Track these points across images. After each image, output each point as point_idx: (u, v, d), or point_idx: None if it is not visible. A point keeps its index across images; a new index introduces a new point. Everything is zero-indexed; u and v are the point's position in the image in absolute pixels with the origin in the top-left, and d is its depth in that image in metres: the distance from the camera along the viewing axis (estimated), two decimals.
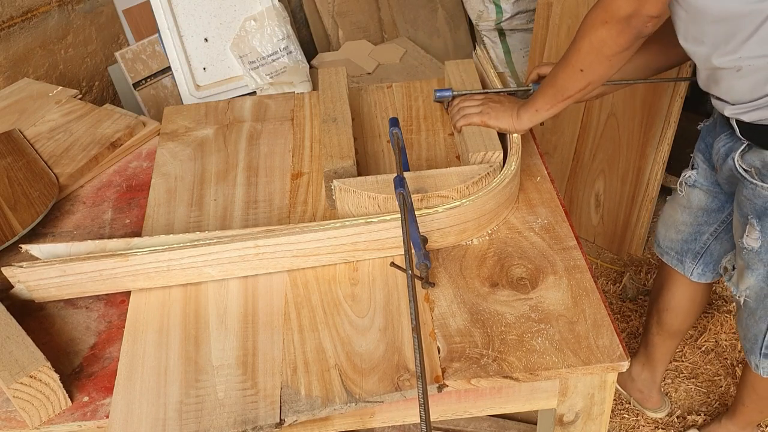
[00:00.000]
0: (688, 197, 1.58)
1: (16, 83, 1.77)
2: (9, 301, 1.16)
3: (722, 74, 1.20)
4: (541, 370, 1.03)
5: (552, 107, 1.28)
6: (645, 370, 1.95)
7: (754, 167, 1.28)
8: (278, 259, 1.19)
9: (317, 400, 1.02)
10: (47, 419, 1.03)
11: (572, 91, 1.25)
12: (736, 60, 1.15)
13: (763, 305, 1.42)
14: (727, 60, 1.16)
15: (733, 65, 1.16)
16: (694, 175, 1.54)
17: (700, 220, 1.58)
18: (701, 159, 1.52)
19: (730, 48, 1.14)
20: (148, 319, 1.15)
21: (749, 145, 1.29)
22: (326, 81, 1.56)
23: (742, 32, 1.12)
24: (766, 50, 1.12)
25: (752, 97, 1.19)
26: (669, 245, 1.67)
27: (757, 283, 1.40)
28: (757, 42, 1.12)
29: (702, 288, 1.71)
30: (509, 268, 1.19)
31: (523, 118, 1.31)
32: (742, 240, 1.37)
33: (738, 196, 1.37)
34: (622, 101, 2.18)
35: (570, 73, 1.23)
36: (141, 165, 1.51)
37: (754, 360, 1.50)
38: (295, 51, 2.64)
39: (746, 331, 1.49)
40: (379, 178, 1.25)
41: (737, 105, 1.23)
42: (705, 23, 1.15)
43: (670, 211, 1.65)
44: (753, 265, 1.38)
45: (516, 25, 2.99)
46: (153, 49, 2.65)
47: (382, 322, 1.12)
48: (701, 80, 1.28)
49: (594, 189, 2.42)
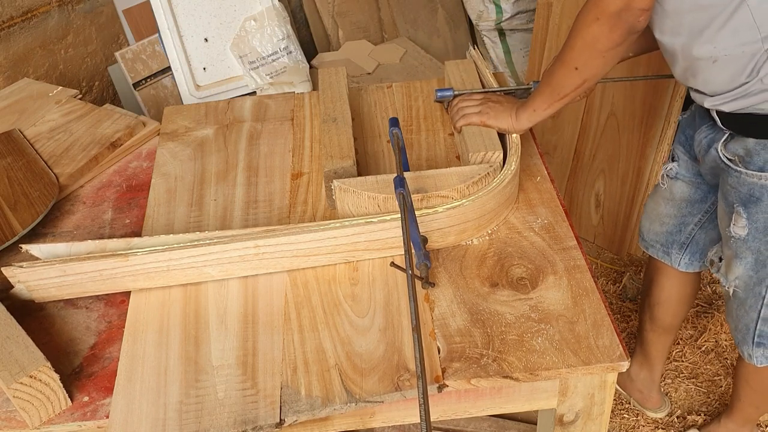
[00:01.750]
0: (671, 189, 1.59)
1: (16, 83, 1.77)
2: (9, 301, 1.16)
3: (699, 66, 1.21)
4: (541, 370, 1.03)
5: (549, 107, 1.29)
6: (643, 370, 1.95)
7: (737, 155, 1.29)
8: (278, 259, 1.19)
9: (317, 400, 1.02)
10: (47, 419, 1.03)
11: (568, 90, 1.25)
12: (712, 50, 1.16)
13: (753, 294, 1.42)
14: (704, 50, 1.17)
15: (710, 55, 1.17)
16: (676, 167, 1.55)
17: (684, 211, 1.59)
18: (681, 151, 1.53)
19: (705, 38, 1.15)
20: (148, 319, 1.15)
21: (731, 134, 1.29)
22: (326, 81, 1.56)
23: (717, 21, 1.13)
24: (739, 40, 1.13)
25: (730, 87, 1.20)
26: (654, 238, 1.68)
27: (746, 272, 1.40)
28: (730, 31, 1.13)
29: (690, 278, 1.72)
30: (509, 268, 1.19)
31: (522, 118, 1.32)
32: (729, 229, 1.37)
33: (722, 185, 1.37)
34: (622, 101, 2.18)
35: (565, 71, 1.23)
36: (141, 165, 1.51)
37: (746, 350, 1.50)
38: (295, 51, 2.64)
39: (737, 321, 1.49)
40: (379, 178, 1.25)
41: (716, 96, 1.24)
42: (682, 13, 1.16)
43: (653, 204, 1.66)
44: (741, 253, 1.38)
45: (516, 25, 2.99)
46: (153, 49, 2.65)
47: (382, 322, 1.12)
48: (678, 73, 1.29)
49: (594, 189, 2.42)
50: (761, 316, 1.43)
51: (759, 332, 1.45)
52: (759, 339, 1.46)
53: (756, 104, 1.19)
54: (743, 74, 1.17)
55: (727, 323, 1.58)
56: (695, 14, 1.15)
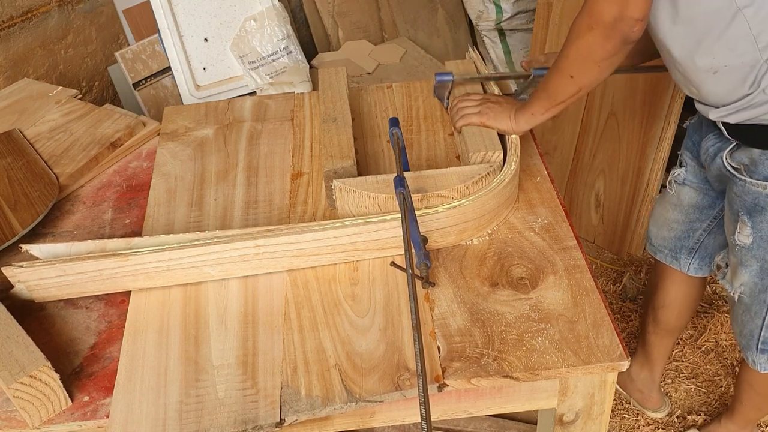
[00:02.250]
0: (679, 195, 1.59)
1: (16, 83, 1.77)
2: (9, 301, 1.16)
3: (701, 78, 1.21)
4: (541, 369, 1.03)
5: (546, 111, 1.29)
6: (644, 370, 1.95)
7: (742, 164, 1.29)
8: (278, 259, 1.19)
9: (317, 399, 1.02)
10: (47, 419, 1.03)
11: (564, 97, 1.25)
12: (712, 62, 1.16)
13: (758, 300, 1.42)
14: (704, 62, 1.17)
15: (710, 67, 1.17)
16: (683, 173, 1.55)
17: (692, 217, 1.59)
18: (689, 156, 1.53)
19: (704, 49, 1.16)
20: (148, 319, 1.15)
21: (738, 144, 1.30)
22: (326, 81, 1.56)
23: (714, 31, 1.13)
24: (737, 51, 1.13)
25: (733, 99, 1.20)
26: (662, 243, 1.68)
27: (751, 279, 1.40)
28: (728, 42, 1.13)
29: (697, 283, 1.72)
30: (509, 267, 1.19)
31: (520, 121, 1.32)
32: (734, 237, 1.38)
33: (728, 194, 1.37)
34: (622, 101, 2.18)
35: (560, 79, 1.23)
36: (141, 165, 1.51)
37: (750, 356, 1.50)
38: (295, 51, 2.64)
39: (742, 327, 1.49)
40: (379, 178, 1.25)
41: (721, 107, 1.24)
42: (681, 24, 1.16)
43: (661, 209, 1.66)
44: (746, 261, 1.39)
45: (516, 25, 2.99)
46: (153, 49, 2.65)
47: (382, 322, 1.12)
48: (680, 82, 1.30)
49: (594, 189, 2.42)
50: (765, 323, 1.43)
51: (763, 339, 1.46)
52: (763, 345, 1.47)
53: (760, 115, 1.20)
54: (745, 85, 1.17)
55: (732, 328, 1.58)
56: (694, 24, 1.15)
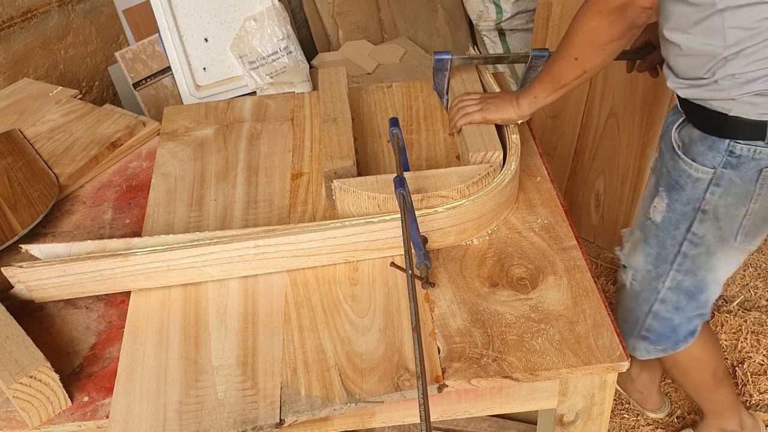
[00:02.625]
0: None
1: (16, 83, 1.77)
2: (9, 301, 1.16)
3: (670, 48, 1.23)
4: (541, 370, 1.03)
5: (550, 95, 1.30)
6: (644, 371, 1.95)
7: (683, 142, 1.31)
8: (278, 259, 1.19)
9: (317, 400, 1.02)
10: (47, 419, 1.03)
11: (568, 79, 1.26)
12: (684, 39, 1.18)
13: (649, 288, 1.44)
14: (675, 36, 1.19)
15: (680, 42, 1.19)
16: None
17: None
18: None
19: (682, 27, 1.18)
20: (148, 319, 1.15)
21: (686, 120, 1.31)
22: (326, 81, 1.56)
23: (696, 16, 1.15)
24: (707, 40, 1.15)
25: (690, 76, 1.22)
26: None
27: (645, 266, 1.43)
28: (703, 29, 1.15)
29: None
30: (509, 268, 1.19)
31: (523, 105, 1.32)
32: (648, 210, 1.39)
33: (660, 165, 1.38)
34: (622, 101, 2.18)
35: (565, 61, 1.24)
36: (141, 165, 1.51)
37: (631, 342, 1.53)
38: (295, 51, 2.64)
39: (627, 313, 1.52)
40: (379, 178, 1.25)
41: (678, 79, 1.26)
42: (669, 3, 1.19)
43: None
44: (649, 240, 1.40)
45: (516, 25, 2.99)
46: (153, 49, 2.65)
47: (382, 322, 1.12)
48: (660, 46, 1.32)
49: (594, 189, 2.42)
50: (652, 309, 1.46)
51: (647, 326, 1.49)
52: (644, 333, 1.50)
53: (707, 99, 1.22)
54: (702, 69, 1.19)
55: (616, 314, 1.59)
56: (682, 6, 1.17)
